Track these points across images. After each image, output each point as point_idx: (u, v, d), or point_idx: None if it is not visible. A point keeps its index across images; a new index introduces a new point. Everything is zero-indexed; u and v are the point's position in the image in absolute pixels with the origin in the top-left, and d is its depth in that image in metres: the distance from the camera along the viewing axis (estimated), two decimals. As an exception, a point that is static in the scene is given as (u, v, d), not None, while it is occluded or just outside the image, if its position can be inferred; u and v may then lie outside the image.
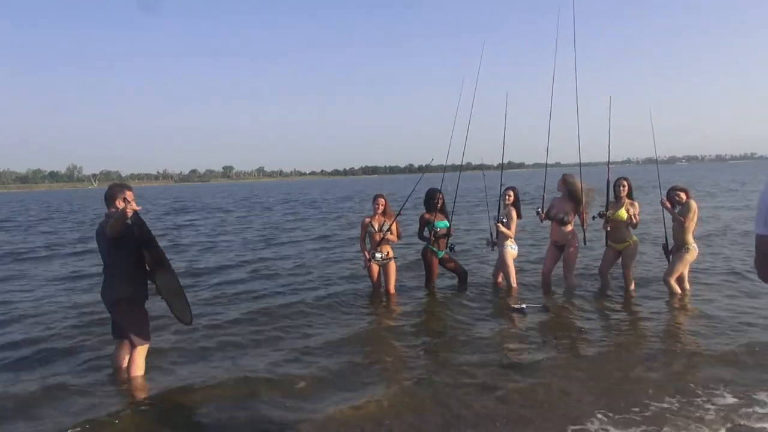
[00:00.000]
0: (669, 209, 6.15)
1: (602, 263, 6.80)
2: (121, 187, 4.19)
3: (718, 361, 4.32)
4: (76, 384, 4.18)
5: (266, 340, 5.16)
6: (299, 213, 23.77)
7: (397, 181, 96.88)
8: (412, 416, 3.52)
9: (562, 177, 6.64)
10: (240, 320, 5.83)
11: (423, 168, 7.66)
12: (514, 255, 6.82)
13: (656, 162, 7.19)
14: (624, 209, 6.33)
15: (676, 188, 6.24)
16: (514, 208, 6.77)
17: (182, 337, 5.15)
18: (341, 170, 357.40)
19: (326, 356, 4.68)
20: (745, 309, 5.71)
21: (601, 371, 4.21)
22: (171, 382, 4.20)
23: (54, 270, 9.62)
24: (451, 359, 4.55)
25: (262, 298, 6.90)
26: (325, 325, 5.63)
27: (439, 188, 6.76)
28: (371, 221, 6.54)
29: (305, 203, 32.51)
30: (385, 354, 4.83)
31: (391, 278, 6.58)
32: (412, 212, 9.70)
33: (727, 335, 4.91)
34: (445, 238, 6.74)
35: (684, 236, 6.05)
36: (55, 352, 4.91)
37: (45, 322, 5.96)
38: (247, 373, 4.29)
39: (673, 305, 5.98)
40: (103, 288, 4.17)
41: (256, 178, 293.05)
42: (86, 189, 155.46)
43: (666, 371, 4.18)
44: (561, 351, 4.69)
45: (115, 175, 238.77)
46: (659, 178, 6.93)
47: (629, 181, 6.47)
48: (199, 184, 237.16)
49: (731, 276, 7.27)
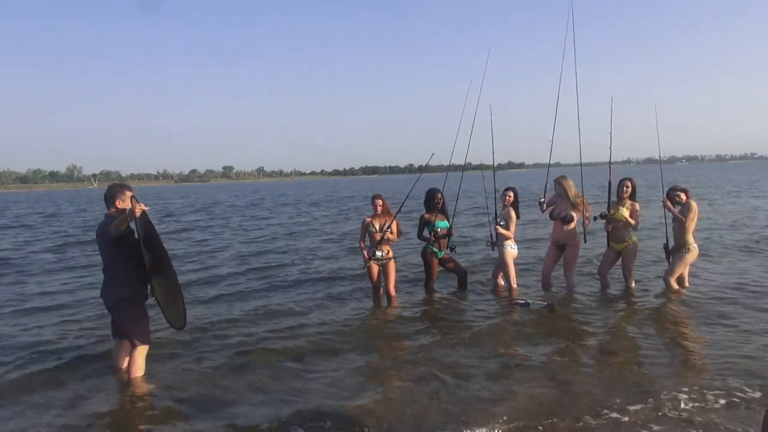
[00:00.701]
0: (671, 209, 6.15)
1: (602, 264, 6.80)
2: (121, 187, 4.19)
3: (718, 361, 4.32)
4: (76, 384, 4.19)
5: (265, 340, 5.15)
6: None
7: (398, 181, 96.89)
8: (413, 415, 3.52)
9: (556, 180, 6.64)
10: (238, 320, 5.83)
11: (423, 168, 7.64)
12: (514, 255, 6.81)
13: (659, 162, 7.16)
14: (625, 209, 6.33)
15: (676, 188, 6.25)
16: (513, 209, 6.77)
17: (183, 337, 5.14)
18: (341, 170, 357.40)
19: (326, 356, 4.68)
20: (744, 310, 5.71)
21: (601, 371, 4.21)
22: (171, 382, 4.20)
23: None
24: (451, 359, 4.54)
25: (262, 298, 6.90)
26: (324, 325, 5.63)
27: (438, 188, 6.76)
28: (372, 221, 6.53)
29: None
30: (385, 354, 4.83)
31: (390, 278, 6.57)
32: (416, 212, 9.72)
33: (726, 335, 4.91)
34: (446, 239, 6.74)
35: (684, 236, 6.06)
36: (54, 352, 4.91)
37: (45, 320, 5.97)
38: (246, 373, 4.30)
39: (673, 305, 5.98)
40: (103, 288, 4.17)
41: (256, 178, 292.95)
42: (86, 189, 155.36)
43: (666, 371, 4.18)
44: (561, 350, 4.69)
45: (115, 175, 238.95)
46: (662, 178, 6.89)
47: (633, 182, 6.47)
48: (199, 184, 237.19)
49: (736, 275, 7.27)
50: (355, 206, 27.02)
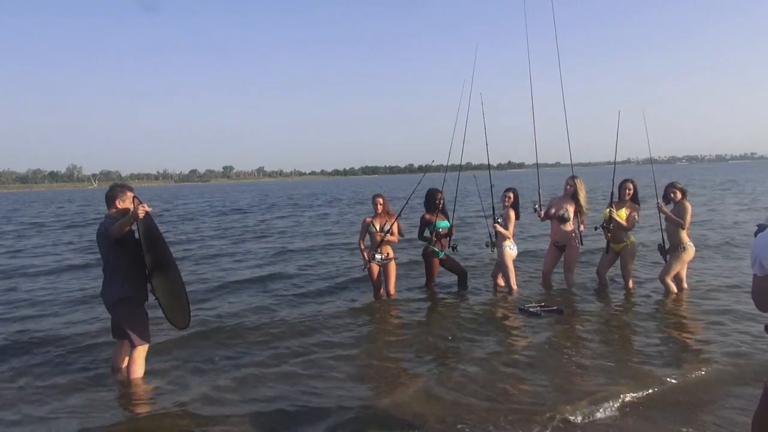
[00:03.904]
0: (665, 212, 6.12)
1: (600, 264, 6.81)
2: (121, 187, 4.19)
3: (718, 361, 4.32)
4: (76, 384, 4.19)
5: (266, 340, 5.16)
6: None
7: (398, 180, 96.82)
8: (414, 415, 3.53)
9: (571, 178, 6.64)
10: (239, 319, 5.84)
11: (423, 168, 7.64)
12: (513, 256, 6.81)
13: (651, 163, 7.15)
14: (624, 210, 6.32)
15: (674, 186, 6.18)
16: (513, 210, 6.77)
17: (183, 337, 5.14)
18: (341, 170, 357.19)
19: (326, 356, 4.68)
20: (743, 309, 5.71)
21: (602, 370, 4.21)
22: (171, 381, 4.20)
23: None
24: (451, 359, 4.55)
25: (262, 297, 6.91)
26: (325, 325, 5.63)
27: (438, 188, 6.76)
28: (372, 221, 6.53)
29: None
30: (386, 355, 4.83)
31: (391, 279, 6.57)
32: (418, 213, 9.73)
33: (725, 335, 4.92)
34: (447, 238, 6.74)
35: (679, 236, 6.05)
36: (54, 352, 4.92)
37: (43, 320, 5.97)
38: (247, 373, 4.30)
39: (672, 305, 5.98)
40: (103, 288, 4.17)
41: (256, 178, 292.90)
42: (86, 189, 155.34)
43: (667, 371, 4.18)
44: (561, 350, 4.69)
45: (115, 175, 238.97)
46: (654, 181, 6.75)
47: (635, 183, 6.46)
48: (199, 183, 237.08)
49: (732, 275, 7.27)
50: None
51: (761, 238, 2.16)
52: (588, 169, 38.00)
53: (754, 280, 2.21)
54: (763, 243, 2.13)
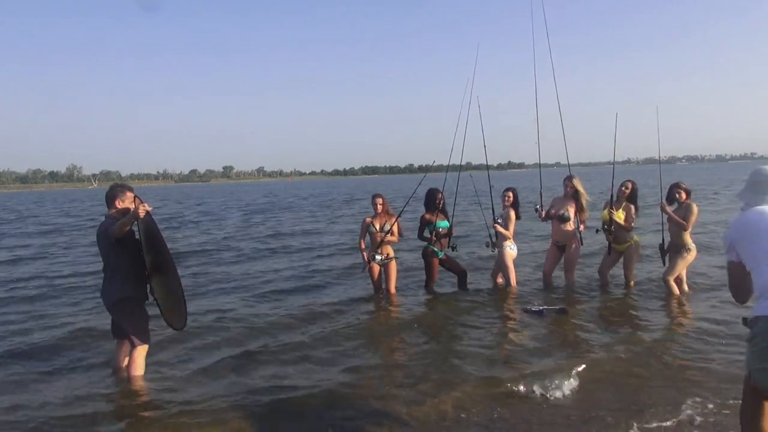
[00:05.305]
0: (668, 213, 6.08)
1: (602, 263, 6.81)
2: (122, 188, 4.20)
3: (717, 360, 4.32)
4: (76, 384, 4.19)
5: (266, 339, 5.16)
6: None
7: (398, 180, 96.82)
8: (414, 416, 3.53)
9: (569, 179, 6.64)
10: (239, 319, 5.84)
11: (424, 168, 7.64)
12: (513, 256, 6.82)
13: (659, 162, 7.09)
14: (622, 212, 6.32)
15: (679, 186, 6.11)
16: (513, 210, 6.77)
17: (183, 336, 5.14)
18: (341, 170, 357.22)
19: (326, 356, 4.68)
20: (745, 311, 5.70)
21: (602, 370, 4.21)
22: (171, 381, 4.20)
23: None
24: (452, 359, 4.54)
25: (262, 297, 6.91)
26: (325, 325, 5.63)
27: (438, 188, 6.75)
28: (372, 221, 6.53)
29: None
30: (386, 355, 4.84)
31: (391, 278, 6.57)
32: (414, 212, 9.72)
33: (725, 334, 4.92)
34: (447, 238, 6.74)
35: (683, 237, 6.03)
36: (53, 351, 4.92)
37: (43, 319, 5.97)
38: (247, 372, 4.30)
39: (672, 306, 5.98)
40: (103, 288, 4.17)
41: (256, 178, 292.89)
42: (86, 189, 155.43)
43: (666, 371, 4.19)
44: (561, 350, 4.69)
45: (115, 175, 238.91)
46: (660, 180, 6.79)
47: (634, 184, 6.45)
48: (200, 183, 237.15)
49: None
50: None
51: (733, 224, 2.24)
52: (588, 169, 37.95)
53: (731, 267, 2.28)
54: (735, 227, 2.21)
